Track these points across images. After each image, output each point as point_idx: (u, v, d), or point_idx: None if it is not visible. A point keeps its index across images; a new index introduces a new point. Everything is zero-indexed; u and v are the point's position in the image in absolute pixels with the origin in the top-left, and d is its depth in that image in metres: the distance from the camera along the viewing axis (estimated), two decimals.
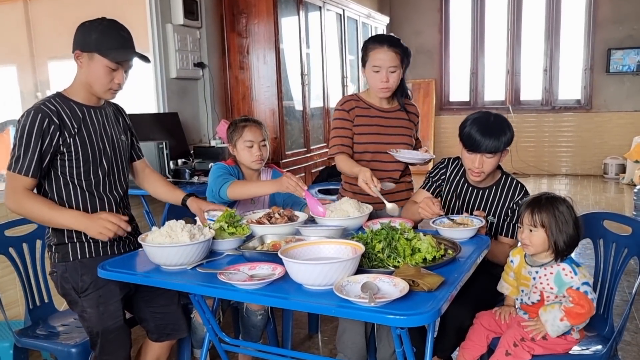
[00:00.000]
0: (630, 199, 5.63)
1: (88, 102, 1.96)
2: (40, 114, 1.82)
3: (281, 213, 2.03)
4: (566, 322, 1.73)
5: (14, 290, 2.80)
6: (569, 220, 1.80)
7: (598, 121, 8.02)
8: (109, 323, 1.90)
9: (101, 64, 1.86)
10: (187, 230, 1.73)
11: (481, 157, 2.10)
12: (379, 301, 1.32)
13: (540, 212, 1.80)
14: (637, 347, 2.78)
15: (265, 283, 1.51)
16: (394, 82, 2.31)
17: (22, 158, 1.81)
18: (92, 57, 1.86)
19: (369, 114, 2.41)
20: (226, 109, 4.59)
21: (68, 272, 1.92)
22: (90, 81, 1.91)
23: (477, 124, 2.10)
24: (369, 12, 6.58)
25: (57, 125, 1.84)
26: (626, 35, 7.68)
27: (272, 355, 2.38)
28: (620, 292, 3.41)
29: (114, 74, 1.89)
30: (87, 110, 1.95)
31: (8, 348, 2.17)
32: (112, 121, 2.06)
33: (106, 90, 1.92)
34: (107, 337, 1.91)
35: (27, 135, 1.80)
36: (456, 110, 8.64)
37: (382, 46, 2.28)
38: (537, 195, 1.87)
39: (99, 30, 1.86)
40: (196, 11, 4.18)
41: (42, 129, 1.81)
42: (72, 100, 1.93)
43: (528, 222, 1.83)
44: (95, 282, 1.89)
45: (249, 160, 2.43)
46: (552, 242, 1.79)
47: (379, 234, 1.72)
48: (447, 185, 2.30)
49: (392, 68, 2.28)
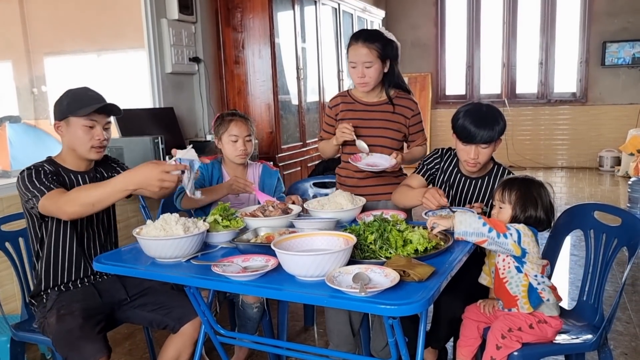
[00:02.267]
0: (625, 191, 5.66)
1: (77, 168, 2.06)
2: (39, 168, 1.93)
3: (275, 206, 2.05)
4: (479, 217, 1.72)
5: (11, 284, 2.82)
6: (539, 202, 1.84)
7: (593, 114, 8.04)
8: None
9: (78, 125, 1.96)
10: (181, 223, 1.75)
11: (476, 148, 2.12)
12: (369, 291, 1.34)
13: (511, 190, 1.86)
14: (629, 336, 2.81)
15: (259, 275, 1.53)
16: (371, 77, 2.34)
17: (40, 184, 1.87)
18: (68, 122, 1.98)
19: (354, 108, 2.46)
20: (222, 104, 4.60)
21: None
22: (72, 146, 2.01)
23: (470, 116, 2.11)
24: (365, 6, 6.57)
25: (55, 176, 1.94)
26: (621, 28, 7.69)
27: (267, 347, 2.41)
28: (614, 283, 3.44)
29: (92, 131, 1.98)
30: (75, 177, 2.04)
31: (5, 342, 2.18)
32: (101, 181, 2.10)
33: (89, 149, 2.00)
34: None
35: (36, 178, 1.88)
36: (452, 104, 8.65)
37: (356, 42, 2.32)
38: (515, 176, 1.92)
39: (69, 96, 1.99)
40: (191, 6, 4.18)
41: (46, 175, 1.91)
42: (61, 165, 2.03)
43: (498, 198, 1.90)
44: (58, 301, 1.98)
45: (233, 155, 2.47)
46: (514, 219, 1.84)
47: (371, 225, 1.74)
48: (441, 174, 2.32)
49: (367, 63, 2.31)
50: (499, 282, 1.89)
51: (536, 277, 1.84)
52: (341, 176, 2.56)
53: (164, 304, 2.08)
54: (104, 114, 2.01)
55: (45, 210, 1.87)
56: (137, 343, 2.91)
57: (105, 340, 1.85)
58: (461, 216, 1.73)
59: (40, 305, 2.04)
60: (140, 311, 2.10)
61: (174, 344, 2.04)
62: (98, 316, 1.95)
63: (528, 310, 1.84)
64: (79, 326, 1.84)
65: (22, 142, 5.30)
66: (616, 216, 2.05)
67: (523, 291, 1.84)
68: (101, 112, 1.99)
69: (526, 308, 1.85)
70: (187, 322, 2.03)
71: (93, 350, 1.78)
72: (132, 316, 2.12)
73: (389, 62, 2.37)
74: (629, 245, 1.95)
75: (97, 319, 1.93)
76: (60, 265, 2.03)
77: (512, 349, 1.80)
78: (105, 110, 2.00)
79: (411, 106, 2.46)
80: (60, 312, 1.91)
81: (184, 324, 2.03)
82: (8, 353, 2.17)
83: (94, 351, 1.78)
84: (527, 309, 1.84)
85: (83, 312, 1.91)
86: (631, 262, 1.89)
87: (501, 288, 1.89)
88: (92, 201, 1.78)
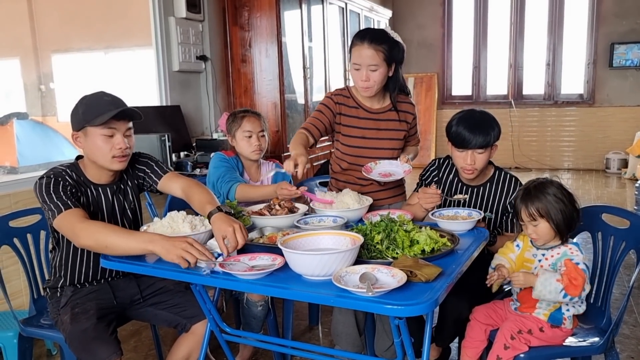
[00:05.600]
0: (632, 193, 5.63)
1: (98, 181, 1.96)
2: (60, 179, 1.84)
3: (282, 204, 2.05)
4: (560, 285, 1.73)
5: (19, 280, 2.83)
6: (562, 198, 1.82)
7: (601, 116, 8.00)
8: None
9: (96, 135, 1.85)
10: (188, 221, 1.75)
11: (472, 154, 2.10)
12: (376, 291, 1.34)
13: (533, 203, 1.82)
14: (636, 340, 2.80)
15: (265, 273, 1.53)
16: (376, 81, 2.18)
17: (58, 199, 1.79)
18: (86, 133, 1.86)
19: (358, 114, 2.31)
20: (228, 102, 4.61)
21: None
22: (92, 157, 1.90)
23: (463, 122, 2.10)
24: (372, 5, 6.57)
25: (73, 187, 1.86)
26: (629, 30, 7.65)
27: (272, 346, 2.41)
28: (621, 285, 3.43)
29: (112, 140, 1.86)
30: (97, 190, 1.95)
31: (13, 337, 2.20)
32: (122, 194, 2.03)
33: (110, 159, 1.88)
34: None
35: (54, 190, 1.80)
36: (458, 105, 8.62)
37: (362, 43, 2.15)
38: (526, 187, 1.88)
39: (84, 103, 1.87)
40: (198, 4, 4.19)
41: (65, 188, 1.83)
42: (85, 176, 1.94)
43: (527, 218, 1.84)
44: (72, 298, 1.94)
45: (248, 151, 2.47)
46: (554, 227, 1.81)
47: (378, 225, 1.73)
48: (441, 186, 2.30)
49: (372, 67, 2.15)
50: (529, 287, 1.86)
51: (572, 298, 1.78)
52: (340, 181, 2.43)
53: (177, 303, 2.06)
54: (123, 119, 1.88)
55: (59, 228, 1.80)
56: (143, 340, 2.91)
57: (117, 341, 1.83)
58: (543, 284, 1.74)
59: (54, 298, 2.01)
60: (153, 309, 2.08)
61: (185, 343, 2.03)
62: (111, 315, 1.93)
63: (543, 317, 1.85)
64: (93, 326, 1.82)
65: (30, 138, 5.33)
66: (624, 219, 2.04)
67: (549, 308, 1.85)
68: (120, 118, 1.86)
69: (542, 315, 1.85)
70: (199, 322, 2.01)
71: (107, 352, 1.76)
72: (144, 314, 2.10)
73: (394, 66, 2.22)
74: (637, 248, 1.95)
75: (109, 318, 1.91)
76: (77, 261, 1.99)
77: (520, 350, 1.80)
78: (124, 115, 1.87)
79: (412, 110, 2.39)
80: (75, 310, 1.89)
81: (196, 323, 2.02)
82: (16, 348, 2.19)
83: (108, 353, 1.76)
84: (542, 317, 1.85)
85: (97, 312, 1.88)
86: (639, 266, 1.88)
87: (528, 293, 1.85)
88: (108, 244, 1.71)
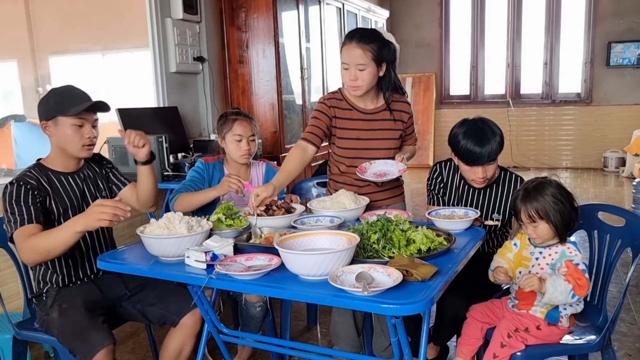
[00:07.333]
0: (630, 191, 5.65)
1: (65, 169, 2.05)
2: (22, 183, 1.92)
3: (279, 205, 2.05)
4: (570, 285, 1.73)
5: (14, 283, 2.82)
6: (561, 199, 1.82)
7: (598, 114, 8.01)
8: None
9: (67, 125, 1.95)
10: (185, 222, 1.75)
11: (484, 167, 2.11)
12: (372, 290, 1.35)
13: (533, 205, 1.82)
14: (633, 338, 2.80)
15: (262, 273, 1.54)
16: (364, 81, 2.16)
17: (18, 214, 1.87)
18: (56, 122, 1.96)
19: (351, 116, 2.28)
20: (226, 103, 4.61)
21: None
22: (62, 145, 2.00)
23: (470, 137, 2.09)
24: (369, 5, 6.57)
25: (39, 191, 1.94)
26: (626, 29, 7.66)
27: (271, 346, 2.41)
28: (618, 284, 3.43)
29: (82, 130, 1.98)
30: (65, 178, 2.04)
31: (8, 340, 2.19)
32: (92, 182, 2.13)
33: (80, 148, 2.00)
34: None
35: (16, 201, 1.88)
36: (456, 104, 8.64)
37: (350, 42, 2.15)
38: (525, 188, 1.88)
39: (56, 95, 1.99)
40: (195, 5, 4.19)
41: (28, 195, 1.90)
42: (50, 169, 2.02)
43: (527, 219, 1.84)
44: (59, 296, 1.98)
45: (237, 155, 2.45)
46: (553, 228, 1.81)
47: (374, 225, 1.74)
48: (448, 190, 2.30)
49: (360, 66, 2.13)
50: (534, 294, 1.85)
51: (578, 298, 1.79)
52: (338, 182, 2.39)
53: (162, 297, 2.08)
54: (91, 111, 2.01)
55: (14, 242, 1.88)
56: (141, 342, 2.91)
57: (110, 331, 1.85)
58: (553, 285, 1.73)
59: (41, 303, 2.04)
60: (141, 307, 2.10)
61: (175, 338, 2.04)
62: (100, 309, 1.96)
63: (540, 315, 1.85)
64: (83, 317, 1.85)
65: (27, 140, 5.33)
66: (620, 216, 2.04)
67: (547, 306, 1.85)
68: (89, 110, 1.98)
69: (539, 312, 1.85)
70: (186, 315, 2.02)
71: (100, 338, 1.77)
72: (133, 313, 2.12)
73: (384, 66, 2.20)
74: (633, 246, 1.95)
75: (99, 311, 1.94)
76: (58, 264, 2.03)
77: (516, 349, 1.80)
78: (93, 107, 1.99)
79: (407, 109, 2.36)
80: (62, 307, 1.92)
81: (183, 317, 2.02)
82: (11, 351, 2.18)
83: (101, 339, 1.77)
84: (539, 315, 1.85)
85: (85, 304, 1.91)
86: (635, 263, 1.88)
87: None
88: (46, 249, 1.81)
